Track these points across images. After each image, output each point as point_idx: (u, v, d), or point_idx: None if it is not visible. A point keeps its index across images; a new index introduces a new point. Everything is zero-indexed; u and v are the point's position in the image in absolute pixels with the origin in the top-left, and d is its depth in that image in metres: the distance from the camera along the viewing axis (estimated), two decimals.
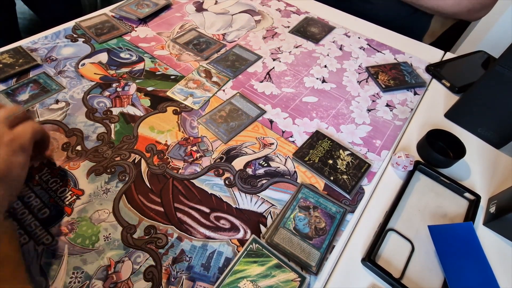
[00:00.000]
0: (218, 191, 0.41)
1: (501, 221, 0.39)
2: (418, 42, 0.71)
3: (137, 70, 0.57)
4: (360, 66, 0.63)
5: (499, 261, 0.37)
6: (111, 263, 0.34)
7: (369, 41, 0.70)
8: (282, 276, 0.33)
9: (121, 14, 0.69)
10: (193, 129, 0.48)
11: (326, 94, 0.57)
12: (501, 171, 0.47)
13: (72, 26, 0.65)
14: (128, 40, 0.63)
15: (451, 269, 0.35)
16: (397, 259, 0.37)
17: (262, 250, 0.35)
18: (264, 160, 0.45)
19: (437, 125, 0.52)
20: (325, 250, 0.36)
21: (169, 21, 0.70)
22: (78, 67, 0.56)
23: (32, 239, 0.35)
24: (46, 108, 0.49)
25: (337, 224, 0.39)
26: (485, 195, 0.44)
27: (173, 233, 0.37)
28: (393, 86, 0.58)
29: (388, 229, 0.39)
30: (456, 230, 0.38)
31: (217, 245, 0.36)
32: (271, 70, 0.60)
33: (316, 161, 0.45)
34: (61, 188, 0.39)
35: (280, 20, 0.74)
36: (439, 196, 0.43)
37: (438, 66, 0.63)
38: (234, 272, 0.33)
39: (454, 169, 0.46)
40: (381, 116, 0.54)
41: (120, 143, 0.45)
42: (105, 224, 0.37)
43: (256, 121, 0.50)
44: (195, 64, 0.60)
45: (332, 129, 0.51)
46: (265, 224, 0.38)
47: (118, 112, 0.49)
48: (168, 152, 0.45)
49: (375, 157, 0.47)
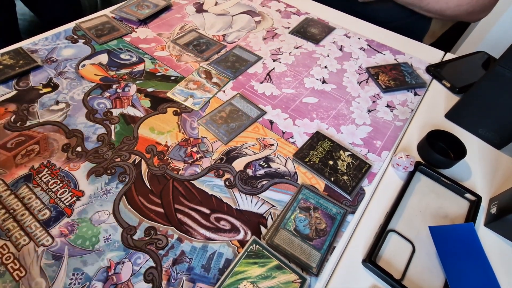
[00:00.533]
0: (218, 192, 0.41)
1: (502, 222, 0.38)
2: (418, 43, 0.71)
3: (137, 71, 0.57)
4: (360, 66, 0.63)
5: (500, 262, 0.37)
6: (111, 265, 0.34)
7: (369, 41, 0.70)
8: (282, 278, 0.33)
9: (121, 15, 0.69)
10: (193, 130, 0.48)
11: (326, 95, 0.57)
12: (502, 171, 0.47)
13: (73, 27, 0.65)
14: (129, 41, 0.63)
15: (452, 270, 0.35)
16: (398, 260, 0.37)
17: (263, 251, 0.35)
18: (265, 161, 0.45)
19: (438, 126, 0.52)
20: (326, 251, 0.36)
21: (169, 22, 0.70)
22: (79, 68, 0.56)
23: (32, 241, 0.35)
24: (46, 109, 0.49)
25: (337, 225, 0.39)
26: (486, 196, 0.44)
27: (173, 234, 0.37)
28: (394, 87, 0.58)
29: (388, 230, 0.39)
30: (457, 231, 0.38)
31: (218, 246, 0.36)
32: (271, 71, 0.60)
33: (316, 162, 0.45)
34: (61, 189, 0.39)
35: (280, 21, 0.74)
36: (440, 197, 0.43)
37: (438, 66, 0.63)
38: (234, 273, 0.33)
39: (454, 170, 0.46)
40: (381, 116, 0.54)
41: (120, 144, 0.45)
42: (105, 225, 0.37)
43: (256, 122, 0.50)
44: (195, 65, 0.60)
45: (332, 129, 0.51)
46: (265, 225, 0.38)
47: (118, 113, 0.49)
48: (168, 153, 0.45)
49: (376, 157, 0.47)
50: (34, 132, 0.45)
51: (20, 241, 0.35)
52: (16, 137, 0.44)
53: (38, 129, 0.46)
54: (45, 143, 0.44)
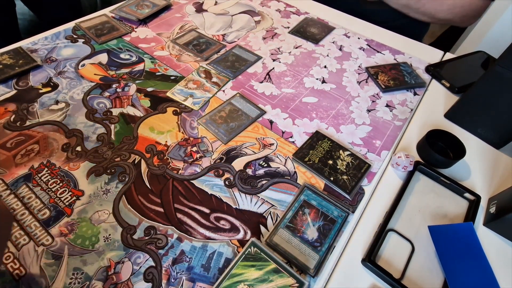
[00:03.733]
0: (218, 191, 0.41)
1: (501, 221, 0.39)
2: (417, 43, 0.71)
3: (137, 71, 0.57)
4: (360, 66, 0.63)
5: (499, 262, 0.37)
6: (111, 264, 0.34)
7: (369, 41, 0.70)
8: (280, 281, 0.33)
9: (121, 15, 0.69)
10: (193, 130, 0.48)
11: (326, 94, 0.57)
12: (501, 171, 0.47)
13: (72, 27, 0.65)
14: (128, 41, 0.63)
15: (452, 270, 0.35)
16: (397, 259, 0.37)
17: (261, 254, 0.35)
18: (264, 160, 0.45)
19: (437, 126, 0.52)
20: (325, 253, 0.36)
21: (169, 21, 0.70)
22: (78, 68, 0.56)
23: (32, 240, 0.35)
24: (46, 109, 0.49)
25: (338, 228, 0.38)
26: (485, 196, 0.44)
27: (173, 233, 0.37)
28: (393, 87, 0.58)
29: (388, 230, 0.39)
30: (456, 231, 0.38)
31: (217, 246, 0.36)
32: (271, 71, 0.60)
33: (316, 162, 0.45)
34: (61, 189, 0.39)
35: (280, 21, 0.74)
36: (439, 196, 0.43)
37: (437, 66, 0.63)
38: (231, 276, 0.33)
39: (454, 169, 0.46)
40: (381, 116, 0.54)
41: (120, 143, 0.45)
42: (105, 225, 0.37)
43: (256, 122, 0.50)
44: (195, 64, 0.60)
45: (332, 129, 0.51)
46: (265, 224, 0.38)
47: (118, 112, 0.49)
48: (168, 153, 0.45)
49: (375, 157, 0.47)
50: (34, 131, 0.45)
51: (20, 240, 0.35)
52: (15, 137, 0.44)
53: (37, 128, 0.46)
54: (45, 142, 0.44)
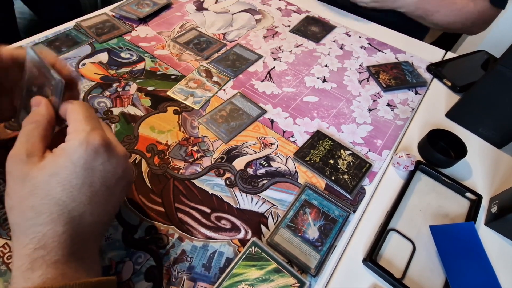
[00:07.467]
0: (219, 191, 0.41)
1: (502, 221, 0.39)
2: (419, 42, 0.71)
3: (137, 70, 0.57)
4: (361, 65, 0.63)
5: (500, 261, 0.37)
6: (112, 264, 0.34)
7: (370, 40, 0.70)
8: (281, 281, 0.33)
9: (121, 13, 0.68)
10: (193, 129, 0.48)
11: (327, 93, 0.56)
12: (502, 170, 0.47)
13: (73, 26, 0.65)
14: (129, 40, 0.63)
15: (453, 269, 0.35)
16: (398, 259, 0.37)
17: (261, 253, 0.35)
18: (265, 160, 0.45)
19: (438, 125, 0.52)
20: (326, 252, 0.36)
21: (170, 20, 0.70)
22: (79, 67, 0.56)
23: None
24: None
25: (339, 228, 0.38)
26: (487, 195, 0.44)
27: (174, 233, 0.37)
28: (394, 86, 0.58)
29: (389, 229, 0.39)
30: (458, 230, 0.38)
31: (218, 246, 0.36)
32: (271, 70, 0.60)
33: (317, 161, 0.45)
34: None
35: (280, 19, 0.74)
36: (441, 196, 0.43)
37: (439, 65, 0.63)
38: (232, 276, 0.33)
39: (455, 169, 0.46)
40: (382, 115, 0.53)
41: (120, 143, 0.45)
42: None
43: (256, 121, 0.50)
44: (196, 63, 0.60)
45: (333, 128, 0.50)
46: (266, 224, 0.38)
47: (119, 112, 0.49)
48: (168, 152, 0.44)
49: (376, 157, 0.47)
50: None
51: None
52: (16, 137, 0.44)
53: None
54: None
